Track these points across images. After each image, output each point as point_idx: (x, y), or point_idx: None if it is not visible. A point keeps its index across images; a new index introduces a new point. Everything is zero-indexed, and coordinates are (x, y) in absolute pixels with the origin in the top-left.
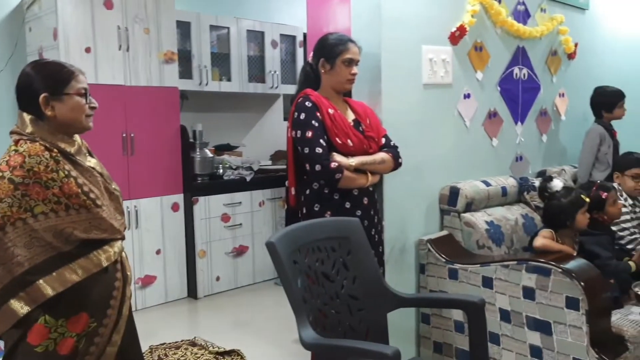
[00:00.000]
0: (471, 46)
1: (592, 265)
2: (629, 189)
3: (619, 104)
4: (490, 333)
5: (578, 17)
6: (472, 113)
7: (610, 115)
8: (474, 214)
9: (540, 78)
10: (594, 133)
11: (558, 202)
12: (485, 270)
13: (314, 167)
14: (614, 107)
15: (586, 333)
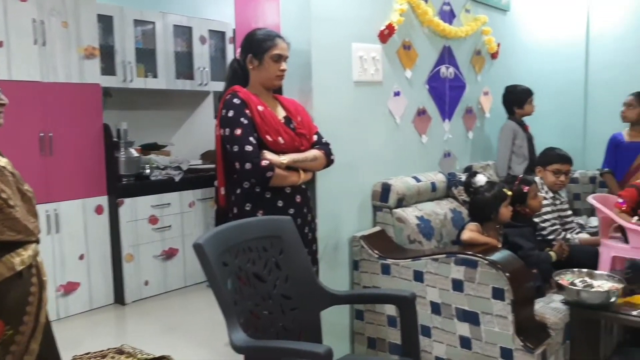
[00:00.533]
0: (400, 45)
1: (516, 257)
2: (550, 183)
3: (528, 100)
4: (421, 326)
5: (500, 18)
6: (402, 110)
7: (521, 111)
8: (405, 209)
9: (466, 77)
10: (507, 128)
11: (482, 197)
12: (416, 264)
13: (244, 166)
14: (524, 104)
15: (512, 322)
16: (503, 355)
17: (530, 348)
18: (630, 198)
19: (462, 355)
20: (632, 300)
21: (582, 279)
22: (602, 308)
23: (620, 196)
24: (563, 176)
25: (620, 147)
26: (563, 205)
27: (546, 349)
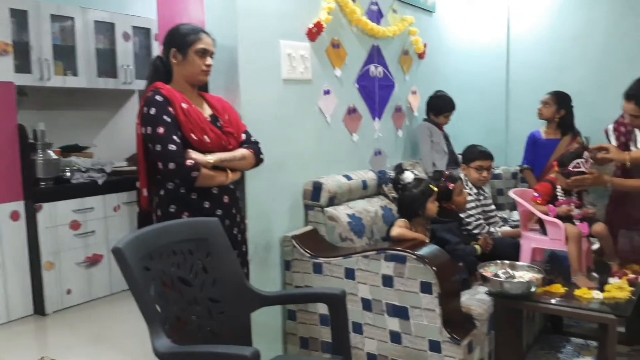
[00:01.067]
0: (329, 43)
1: (443, 251)
2: (473, 179)
3: (445, 114)
4: (353, 323)
5: (426, 19)
6: (333, 109)
7: (435, 119)
8: (336, 207)
9: (395, 76)
10: (422, 127)
11: (410, 193)
12: (347, 262)
13: (168, 166)
14: (440, 114)
15: (439, 315)
16: (432, 347)
17: (457, 339)
18: (545, 192)
19: (392, 350)
20: (551, 289)
21: (505, 270)
22: (523, 298)
23: (536, 190)
24: (485, 172)
25: (537, 144)
26: (487, 200)
27: (472, 339)
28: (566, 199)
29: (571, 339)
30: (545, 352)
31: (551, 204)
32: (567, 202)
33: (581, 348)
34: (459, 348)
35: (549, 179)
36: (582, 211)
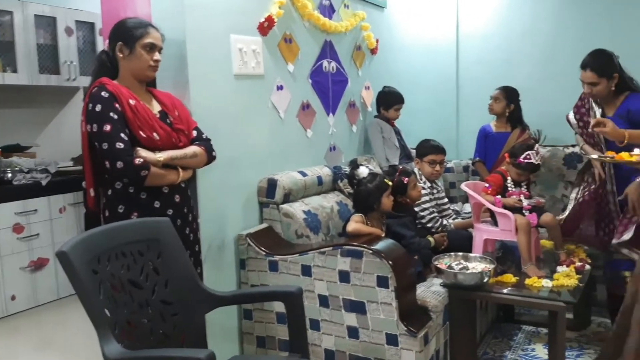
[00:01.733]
0: (281, 38)
1: (399, 245)
2: (427, 174)
3: (394, 107)
4: (310, 320)
5: (378, 14)
6: (286, 105)
7: (385, 113)
8: (292, 204)
9: (348, 71)
10: (373, 124)
11: (365, 188)
12: (303, 259)
13: (115, 165)
14: (390, 108)
15: (395, 308)
16: (389, 341)
17: (414, 332)
18: (496, 183)
19: (350, 345)
20: (502, 279)
21: (459, 262)
22: (477, 288)
23: (487, 181)
24: (438, 166)
25: (489, 137)
26: (440, 194)
27: (428, 331)
28: (516, 190)
29: (523, 327)
30: (498, 341)
31: (501, 195)
32: (517, 193)
33: (532, 335)
34: (415, 340)
35: (499, 171)
36: (536, 201)
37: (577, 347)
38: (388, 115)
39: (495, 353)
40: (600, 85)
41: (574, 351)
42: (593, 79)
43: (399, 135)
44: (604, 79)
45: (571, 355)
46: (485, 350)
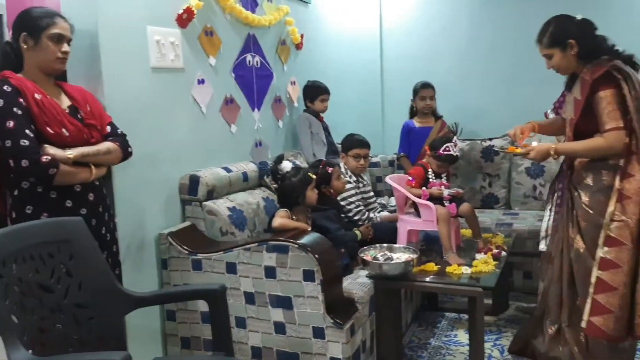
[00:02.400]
0: (201, 30)
1: (324, 238)
2: (352, 167)
3: (319, 98)
4: (236, 318)
5: (302, 9)
6: (208, 99)
7: (312, 106)
8: (215, 201)
9: (273, 66)
10: (302, 118)
11: (289, 182)
12: (228, 256)
13: (20, 163)
14: (315, 100)
15: (322, 301)
16: (315, 334)
17: (340, 324)
18: (418, 175)
19: (277, 340)
20: (425, 268)
21: (384, 253)
22: (401, 278)
23: (410, 175)
24: (363, 160)
25: (412, 132)
26: (366, 188)
27: (354, 322)
28: (437, 181)
29: (446, 314)
30: (423, 329)
31: (425, 187)
32: (437, 184)
33: (455, 322)
34: (341, 332)
35: (421, 164)
36: (455, 191)
37: (496, 330)
38: (315, 107)
39: (420, 341)
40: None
41: (494, 335)
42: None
43: (327, 132)
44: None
45: (491, 338)
46: (411, 339)
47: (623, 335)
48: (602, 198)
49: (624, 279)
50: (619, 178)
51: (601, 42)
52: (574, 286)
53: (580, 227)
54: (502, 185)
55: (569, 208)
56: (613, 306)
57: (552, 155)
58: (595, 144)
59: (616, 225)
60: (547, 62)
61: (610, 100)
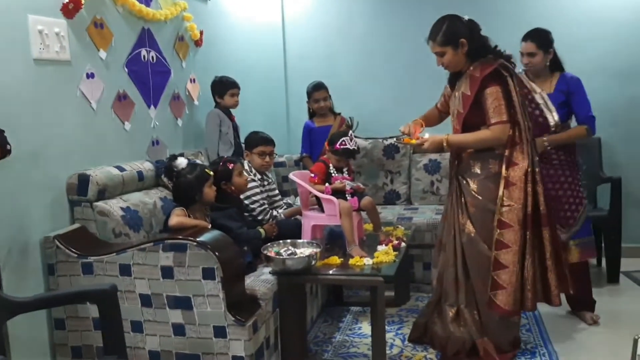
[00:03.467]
0: (90, 22)
1: (225, 235)
2: (256, 165)
3: (228, 92)
4: (132, 322)
5: (201, 6)
6: (99, 94)
7: (222, 101)
8: (108, 201)
9: (170, 62)
10: (212, 115)
11: (185, 179)
12: (122, 258)
13: None
14: (224, 95)
15: (223, 299)
16: (217, 333)
17: (242, 321)
18: (320, 171)
19: (176, 343)
20: (328, 261)
21: (287, 248)
22: (304, 272)
23: (312, 171)
24: (267, 157)
25: (312, 133)
26: (271, 186)
27: (257, 319)
28: (339, 175)
29: (351, 308)
30: (328, 324)
31: (328, 182)
32: (340, 178)
33: (359, 315)
34: (243, 329)
35: (322, 160)
36: (356, 185)
37: (398, 320)
38: (225, 102)
39: (325, 336)
40: (537, 56)
41: (396, 325)
42: (532, 49)
43: (237, 132)
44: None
45: (393, 328)
46: (316, 334)
47: (517, 310)
48: (490, 185)
49: (514, 258)
50: (505, 166)
51: (486, 42)
52: (468, 268)
53: (469, 213)
54: (402, 181)
55: (458, 196)
56: (507, 283)
57: (444, 146)
58: (483, 136)
59: (505, 210)
60: (438, 60)
61: (497, 96)
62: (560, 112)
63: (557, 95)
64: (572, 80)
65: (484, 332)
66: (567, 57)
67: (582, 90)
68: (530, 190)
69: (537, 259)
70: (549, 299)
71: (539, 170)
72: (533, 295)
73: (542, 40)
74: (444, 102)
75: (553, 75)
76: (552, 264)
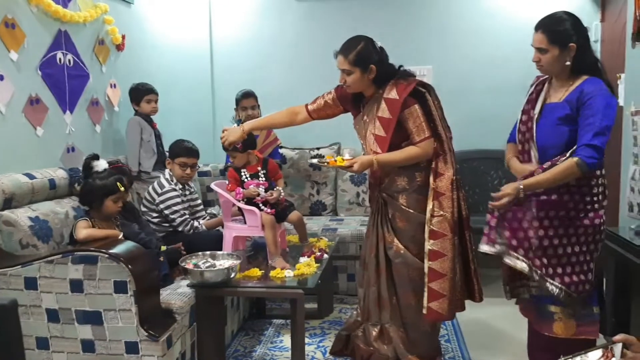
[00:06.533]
0: (0, 22)
1: (139, 246)
2: (177, 176)
3: (144, 99)
4: (37, 338)
5: (124, 9)
6: (9, 98)
7: (139, 108)
8: (14, 210)
9: (89, 66)
10: (133, 122)
11: (91, 182)
12: (27, 270)
13: None
14: (140, 101)
15: (135, 313)
16: (128, 349)
17: (155, 336)
18: (231, 176)
19: None
20: (249, 273)
21: (206, 260)
22: (223, 285)
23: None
24: (189, 169)
25: None
26: (193, 196)
27: (172, 334)
28: (253, 180)
29: (273, 321)
30: (249, 337)
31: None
32: (254, 183)
33: (281, 327)
34: (157, 345)
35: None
36: (269, 193)
37: (320, 333)
38: (142, 109)
39: (245, 349)
40: (549, 53)
41: (318, 337)
42: (542, 44)
43: (159, 140)
44: (555, 47)
45: (314, 341)
46: (237, 348)
47: (453, 314)
48: (419, 197)
49: (450, 265)
50: (432, 178)
51: (392, 70)
52: (393, 287)
53: (397, 230)
54: (329, 192)
55: (383, 215)
56: (445, 290)
57: (373, 166)
58: (412, 153)
59: (437, 220)
60: (342, 76)
61: (417, 114)
62: (555, 133)
63: (560, 107)
64: (591, 86)
65: (411, 349)
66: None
67: (597, 103)
68: (455, 197)
69: (462, 262)
70: (473, 296)
71: (459, 178)
72: (462, 297)
73: (557, 33)
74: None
75: (575, 80)
76: (473, 265)
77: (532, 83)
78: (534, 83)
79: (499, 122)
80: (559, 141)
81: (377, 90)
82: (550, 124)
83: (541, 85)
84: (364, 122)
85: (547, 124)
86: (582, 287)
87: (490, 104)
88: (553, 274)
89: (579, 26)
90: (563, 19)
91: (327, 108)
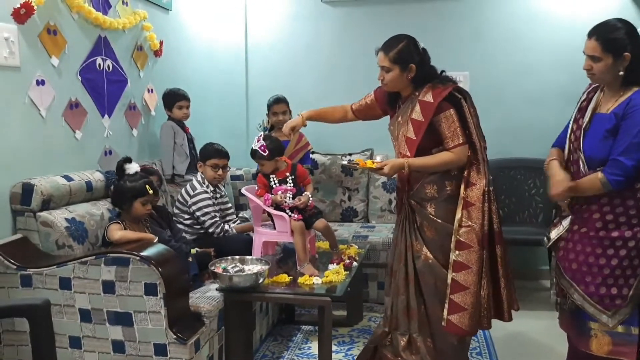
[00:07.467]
0: (43, 28)
1: (170, 250)
2: (209, 177)
3: (176, 105)
4: (70, 337)
5: (162, 16)
6: (49, 102)
7: (171, 114)
8: (52, 212)
9: (127, 72)
10: (166, 127)
11: (122, 184)
12: (62, 270)
13: None
14: (172, 107)
15: (164, 316)
16: (157, 351)
17: (183, 339)
18: (260, 183)
19: None
20: (277, 279)
21: (235, 264)
22: (251, 290)
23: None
24: (221, 170)
25: None
26: (224, 199)
27: (199, 337)
28: (282, 186)
29: (302, 327)
30: (278, 343)
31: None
32: (282, 189)
33: (310, 334)
34: (185, 348)
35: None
36: (298, 200)
37: (349, 341)
38: (174, 115)
39: (274, 355)
40: (602, 62)
41: (346, 345)
42: (595, 52)
43: (192, 144)
44: (609, 56)
45: (343, 349)
46: (265, 353)
47: (476, 330)
48: (449, 206)
49: (474, 279)
50: (463, 187)
51: (433, 73)
52: (422, 296)
53: (426, 239)
54: (360, 199)
55: (410, 222)
56: (467, 304)
57: (404, 170)
58: (445, 159)
59: (464, 230)
60: (381, 73)
61: (452, 119)
62: (601, 145)
63: (607, 119)
64: (638, 98)
65: (439, 357)
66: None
67: (638, 117)
68: (486, 210)
69: (491, 277)
70: (502, 315)
71: (493, 189)
72: (489, 314)
73: (612, 41)
74: (363, 109)
75: (626, 91)
76: (504, 282)
77: (585, 90)
78: (587, 90)
79: (535, 130)
80: (605, 154)
81: (414, 91)
82: (597, 135)
83: (593, 93)
84: (398, 123)
85: (594, 136)
86: (609, 301)
87: (527, 112)
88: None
89: (634, 35)
90: (618, 27)
91: (367, 109)
